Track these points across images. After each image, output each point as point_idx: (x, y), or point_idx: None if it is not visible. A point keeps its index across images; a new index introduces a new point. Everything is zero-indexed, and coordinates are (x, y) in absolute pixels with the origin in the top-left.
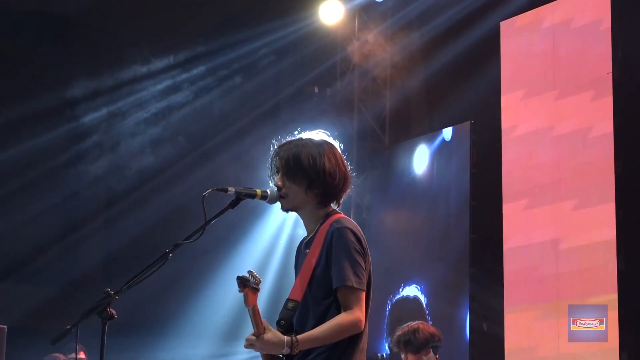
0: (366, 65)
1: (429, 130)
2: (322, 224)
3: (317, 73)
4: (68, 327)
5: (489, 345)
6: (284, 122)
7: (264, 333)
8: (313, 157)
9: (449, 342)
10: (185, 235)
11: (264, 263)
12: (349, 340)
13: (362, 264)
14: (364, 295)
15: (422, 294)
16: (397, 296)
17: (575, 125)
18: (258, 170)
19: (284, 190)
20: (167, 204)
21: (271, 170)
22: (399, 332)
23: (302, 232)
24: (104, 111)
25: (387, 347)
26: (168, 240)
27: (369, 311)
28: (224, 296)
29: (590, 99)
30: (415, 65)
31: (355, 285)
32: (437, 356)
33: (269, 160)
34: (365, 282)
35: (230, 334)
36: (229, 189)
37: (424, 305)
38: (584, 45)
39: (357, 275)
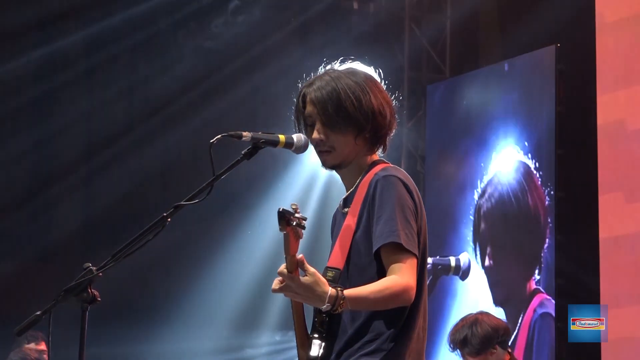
0: None
1: (502, 57)
2: (364, 176)
3: None
4: (38, 313)
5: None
6: (312, 48)
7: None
8: (356, 95)
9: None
10: (187, 194)
11: None
12: (402, 326)
13: (413, 223)
14: (415, 261)
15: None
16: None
17: None
18: (280, 110)
19: (328, 144)
20: (164, 154)
21: (298, 120)
22: (452, 330)
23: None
24: (85, 32)
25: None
26: (165, 201)
27: (424, 291)
28: (239, 273)
29: None
30: None
31: (404, 243)
32: (509, 350)
33: (294, 106)
34: (417, 247)
35: (244, 323)
36: (244, 134)
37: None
38: None
39: (406, 234)
